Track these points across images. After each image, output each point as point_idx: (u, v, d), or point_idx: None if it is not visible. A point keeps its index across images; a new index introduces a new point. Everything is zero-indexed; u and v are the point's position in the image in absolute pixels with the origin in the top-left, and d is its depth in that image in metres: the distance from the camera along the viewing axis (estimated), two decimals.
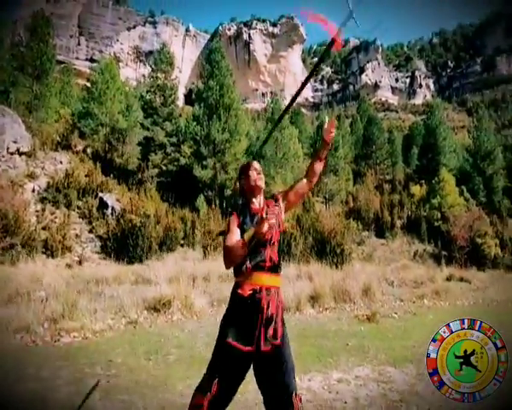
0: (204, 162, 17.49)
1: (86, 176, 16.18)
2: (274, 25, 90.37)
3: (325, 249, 11.95)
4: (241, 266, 1.72)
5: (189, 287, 5.40)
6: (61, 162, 17.12)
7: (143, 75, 73.74)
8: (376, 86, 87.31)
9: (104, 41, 69.37)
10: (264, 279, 1.70)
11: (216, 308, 5.22)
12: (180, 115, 20.34)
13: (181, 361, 3.14)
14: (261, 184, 1.86)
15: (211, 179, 17.45)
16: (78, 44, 66.63)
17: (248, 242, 1.62)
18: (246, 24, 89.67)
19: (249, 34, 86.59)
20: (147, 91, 20.77)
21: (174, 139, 19.38)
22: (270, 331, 1.62)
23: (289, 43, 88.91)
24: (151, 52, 75.22)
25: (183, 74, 77.34)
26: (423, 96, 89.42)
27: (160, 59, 19.78)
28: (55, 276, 6.22)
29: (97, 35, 69.17)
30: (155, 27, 79.11)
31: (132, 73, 68.41)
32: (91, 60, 63.49)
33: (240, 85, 19.09)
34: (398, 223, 19.27)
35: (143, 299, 5.20)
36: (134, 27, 75.31)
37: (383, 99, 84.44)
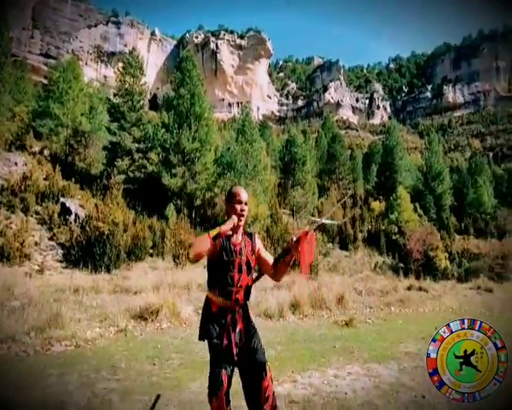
0: (173, 171, 17.29)
1: (45, 179, 15.29)
2: (241, 37, 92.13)
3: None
4: (213, 285, 1.97)
5: (175, 295, 5.42)
6: (15, 164, 16.06)
7: (105, 76, 71.26)
8: (338, 105, 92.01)
9: (61, 37, 66.00)
10: (229, 303, 1.93)
11: None
12: (149, 122, 19.94)
13: (185, 365, 3.22)
14: (243, 217, 2.00)
15: (180, 188, 17.28)
16: (32, 38, 62.70)
17: (213, 237, 1.83)
18: (213, 34, 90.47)
19: (216, 44, 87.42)
20: (114, 95, 20.20)
21: (142, 146, 18.97)
22: (237, 338, 1.92)
23: (256, 56, 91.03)
24: (113, 53, 72.91)
25: (148, 79, 75.76)
26: (381, 116, 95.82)
27: (129, 63, 19.39)
28: (26, 285, 5.91)
29: (54, 30, 65.59)
30: (119, 28, 76.94)
31: (93, 73, 65.71)
32: (46, 55, 60.05)
33: (206, 94, 19.24)
34: (360, 236, 20.39)
35: (127, 308, 5.14)
36: (95, 26, 72.60)
37: (344, 117, 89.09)
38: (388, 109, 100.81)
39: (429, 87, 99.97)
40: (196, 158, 17.82)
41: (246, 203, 2.03)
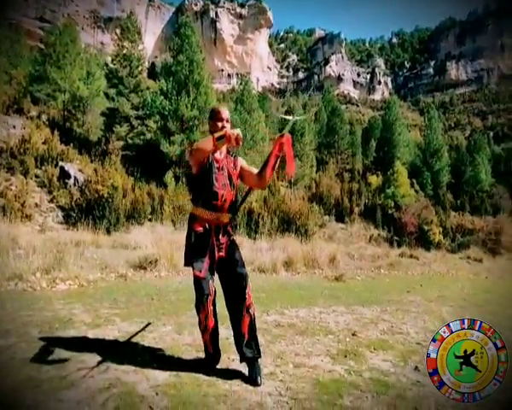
0: (172, 138, 17.21)
1: (44, 143, 15.24)
2: (242, 6, 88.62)
3: (291, 229, 12.61)
4: (197, 200, 2.06)
5: (173, 249, 5.64)
6: (14, 127, 15.95)
7: (102, 43, 68.85)
8: (339, 79, 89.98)
9: (57, 0, 63.27)
10: (213, 217, 2.03)
11: None
12: (148, 88, 19.61)
13: (183, 301, 3.45)
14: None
15: (178, 156, 17.27)
16: (26, 0, 60.12)
17: (218, 138, 1.80)
18: (213, 1, 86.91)
19: (216, 12, 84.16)
20: (112, 60, 19.74)
21: (140, 112, 18.75)
22: (218, 250, 2.04)
23: (257, 26, 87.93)
24: (110, 19, 70.11)
25: (146, 47, 73.32)
26: (382, 92, 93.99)
27: (127, 27, 18.81)
28: (30, 237, 6.11)
29: None
30: None
31: (89, 39, 63.49)
32: (42, 19, 57.79)
33: (205, 62, 18.86)
34: (356, 209, 20.62)
35: (126, 260, 5.36)
36: None
37: (345, 92, 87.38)
38: (390, 85, 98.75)
39: (432, 63, 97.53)
40: (195, 126, 17.68)
41: (227, 121, 2.09)
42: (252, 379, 1.83)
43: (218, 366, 1.98)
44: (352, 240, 17.10)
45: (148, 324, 2.65)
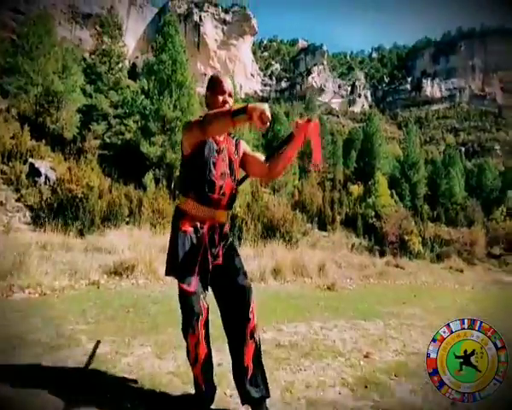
0: (152, 139, 16.61)
1: (12, 138, 14.27)
2: (226, 11, 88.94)
3: (275, 235, 12.28)
4: (187, 190, 1.63)
5: (152, 254, 5.14)
6: None
7: (80, 39, 66.76)
8: (321, 90, 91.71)
9: None
10: (207, 214, 1.61)
11: None
12: (128, 86, 18.93)
13: (163, 313, 2.99)
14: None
15: (159, 158, 16.65)
16: None
17: (235, 112, 1.34)
18: (197, 5, 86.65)
19: (200, 16, 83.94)
20: (90, 54, 18.95)
21: (120, 111, 18.02)
22: (212, 258, 1.62)
23: (240, 32, 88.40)
24: (90, 15, 68.15)
25: (127, 46, 71.87)
26: (361, 105, 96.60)
27: (107, 21, 18.12)
28: None
29: None
30: None
31: (67, 34, 61.45)
32: (15, 10, 55.29)
33: (189, 68, 18.51)
34: (338, 218, 20.66)
35: (100, 265, 4.82)
36: None
37: (327, 102, 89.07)
38: (369, 98, 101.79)
39: (409, 79, 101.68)
40: (177, 127, 17.14)
41: (230, 95, 1.67)
42: None
43: (213, 406, 1.55)
44: (335, 248, 17.02)
45: (98, 342, 2.14)
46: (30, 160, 13.17)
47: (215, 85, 1.66)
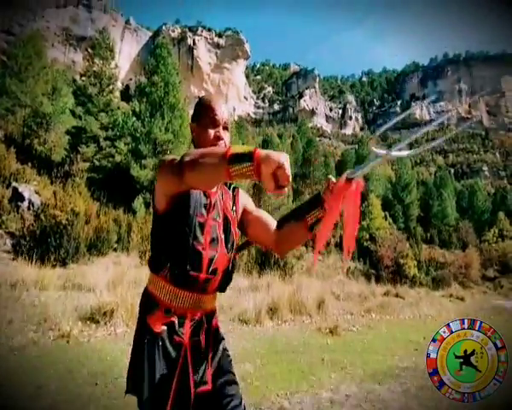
0: (143, 162, 16.25)
1: None
2: (219, 35, 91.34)
3: (269, 262, 11.83)
4: (163, 261, 1.11)
5: (135, 295, 4.62)
6: None
7: (73, 61, 67.29)
8: (313, 112, 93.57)
9: (25, 14, 61.35)
10: (189, 303, 1.11)
11: None
12: (118, 108, 18.69)
13: None
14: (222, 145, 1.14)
15: (150, 181, 16.25)
16: None
17: (238, 156, 0.83)
18: (190, 29, 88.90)
19: (194, 40, 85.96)
20: (80, 76, 18.76)
21: (110, 133, 17.70)
22: (198, 374, 1.10)
23: (234, 56, 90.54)
24: (84, 38, 69.09)
25: (120, 69, 72.81)
26: (353, 127, 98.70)
27: (99, 43, 18.05)
28: None
29: (17, 5, 60.85)
30: (90, 12, 73.00)
31: (60, 56, 61.94)
32: (8, 32, 55.67)
33: (182, 85, 18.46)
34: (332, 241, 20.30)
35: (75, 307, 4.29)
36: (64, 6, 68.22)
37: (318, 125, 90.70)
38: (360, 121, 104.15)
39: (398, 102, 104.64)
40: (169, 150, 16.85)
41: (225, 127, 1.17)
42: None
43: None
44: (330, 273, 16.56)
45: None
46: (13, 183, 12.62)
47: (204, 113, 1.15)
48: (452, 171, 76.62)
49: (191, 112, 1.29)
